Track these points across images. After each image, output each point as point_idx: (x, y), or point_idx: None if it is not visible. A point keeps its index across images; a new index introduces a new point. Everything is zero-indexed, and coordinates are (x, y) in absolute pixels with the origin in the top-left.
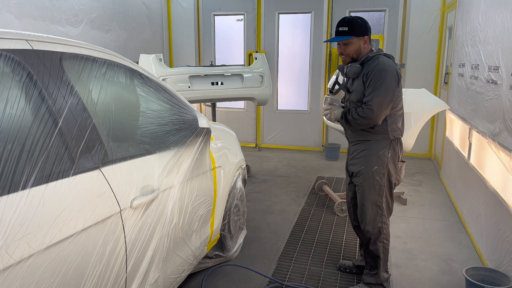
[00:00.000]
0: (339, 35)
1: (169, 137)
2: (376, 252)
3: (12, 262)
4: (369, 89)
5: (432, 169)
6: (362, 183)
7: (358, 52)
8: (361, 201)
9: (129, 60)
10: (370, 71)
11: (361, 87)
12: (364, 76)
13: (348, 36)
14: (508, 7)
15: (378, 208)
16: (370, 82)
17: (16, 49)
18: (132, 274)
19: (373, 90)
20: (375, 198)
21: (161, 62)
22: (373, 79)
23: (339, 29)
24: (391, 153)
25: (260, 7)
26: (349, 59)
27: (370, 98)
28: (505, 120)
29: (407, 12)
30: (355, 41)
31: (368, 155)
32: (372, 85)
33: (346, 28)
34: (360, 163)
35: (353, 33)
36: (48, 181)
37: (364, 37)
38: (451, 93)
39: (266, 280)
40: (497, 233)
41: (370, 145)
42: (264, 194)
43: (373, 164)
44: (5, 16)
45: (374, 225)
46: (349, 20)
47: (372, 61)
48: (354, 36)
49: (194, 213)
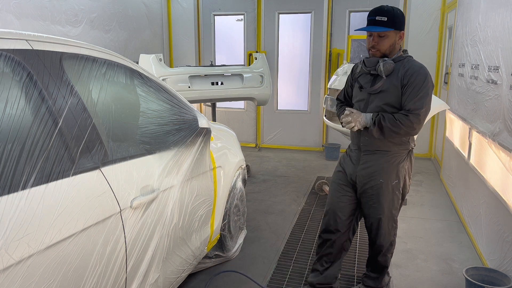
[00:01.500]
0: (375, 25)
1: (169, 137)
2: (384, 263)
3: (12, 262)
4: (415, 95)
5: (432, 169)
6: (380, 198)
7: (392, 48)
8: (377, 216)
9: (129, 60)
10: (414, 73)
11: (396, 89)
12: (404, 78)
13: (387, 28)
14: (508, 7)
15: (393, 222)
16: (416, 87)
17: (16, 49)
18: (132, 274)
19: (421, 97)
20: (392, 213)
21: (161, 62)
22: (419, 84)
23: (376, 18)
24: (408, 164)
25: (260, 7)
26: (380, 54)
27: (418, 106)
28: (505, 120)
29: (407, 12)
30: (392, 35)
31: (388, 167)
32: (419, 91)
33: (385, 18)
34: (378, 176)
35: (393, 25)
36: (48, 181)
37: (401, 32)
38: (451, 93)
39: (266, 280)
40: (497, 233)
41: (390, 156)
42: (264, 194)
43: (393, 178)
44: (5, 16)
45: (388, 239)
46: (389, 10)
47: (408, 62)
48: (393, 28)
49: (194, 213)
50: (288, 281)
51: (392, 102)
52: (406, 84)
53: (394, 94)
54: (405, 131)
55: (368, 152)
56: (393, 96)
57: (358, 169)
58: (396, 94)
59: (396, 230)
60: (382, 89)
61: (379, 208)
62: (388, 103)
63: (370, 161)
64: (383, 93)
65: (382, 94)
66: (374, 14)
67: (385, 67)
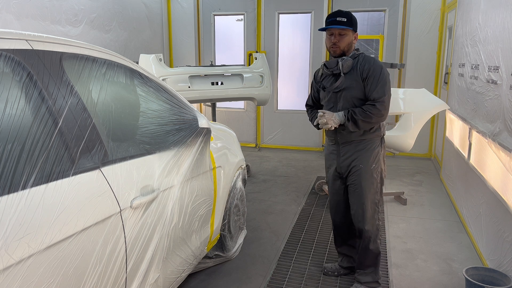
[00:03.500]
0: (337, 24)
1: (169, 137)
2: (377, 250)
3: (12, 262)
4: (375, 85)
5: (432, 169)
6: (361, 182)
7: (349, 46)
8: (360, 200)
9: (129, 60)
10: (370, 67)
11: (358, 84)
12: (363, 72)
13: (347, 26)
14: (508, 7)
15: (375, 206)
16: (375, 78)
17: (16, 49)
18: (132, 274)
19: (381, 86)
20: (373, 196)
21: (161, 62)
22: (377, 75)
23: (336, 19)
24: (382, 150)
25: (260, 7)
26: (339, 51)
27: (381, 94)
28: (505, 120)
29: (407, 12)
30: (350, 34)
31: (365, 153)
32: (379, 81)
33: (345, 19)
34: (358, 162)
35: (351, 25)
36: (48, 181)
37: (356, 33)
38: (451, 93)
39: (266, 280)
40: (497, 233)
41: (365, 143)
42: (264, 194)
43: (371, 162)
44: (5, 16)
45: (373, 223)
46: (347, 13)
47: (363, 58)
48: (351, 28)
49: (194, 213)
50: (288, 281)
51: (358, 95)
52: (366, 77)
53: (357, 89)
54: (376, 119)
55: (345, 143)
56: (357, 90)
57: (340, 160)
58: (360, 88)
59: (379, 215)
60: (346, 86)
61: (361, 193)
62: (355, 97)
63: (349, 151)
64: (348, 89)
65: (347, 91)
66: (334, 16)
67: (345, 64)
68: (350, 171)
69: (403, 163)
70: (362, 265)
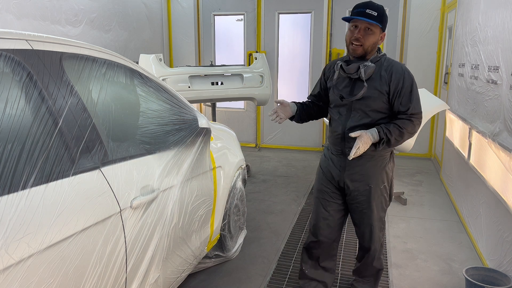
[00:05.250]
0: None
1: (169, 137)
2: (380, 266)
3: (12, 262)
4: (410, 99)
5: (432, 169)
6: (370, 202)
7: (373, 46)
8: (368, 221)
9: (129, 60)
10: (401, 78)
11: (381, 95)
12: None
13: (377, 22)
14: (508, 7)
15: (381, 224)
16: (407, 90)
17: (16, 49)
18: (132, 274)
19: (416, 99)
20: (381, 216)
21: (161, 62)
22: (409, 87)
23: (366, 11)
24: (391, 165)
25: (260, 7)
26: (361, 51)
27: (418, 108)
28: (505, 120)
29: (407, 12)
30: (377, 32)
31: (375, 171)
32: (411, 94)
33: (375, 13)
34: (367, 181)
35: (381, 22)
36: (48, 181)
37: (383, 33)
38: (451, 93)
39: (266, 280)
40: (497, 233)
41: (376, 160)
42: (264, 194)
43: (381, 181)
44: (5, 16)
45: (379, 241)
46: (379, 6)
47: (387, 62)
48: (381, 25)
49: (194, 213)
50: (288, 281)
51: (377, 107)
52: (396, 89)
53: (379, 100)
54: (408, 136)
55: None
56: (378, 102)
57: (345, 175)
58: (382, 100)
59: (384, 231)
60: (364, 96)
61: (370, 214)
62: (373, 109)
63: (357, 166)
64: (366, 99)
65: (365, 101)
66: (364, 7)
67: (368, 72)
68: (356, 189)
69: (403, 163)
70: (361, 275)
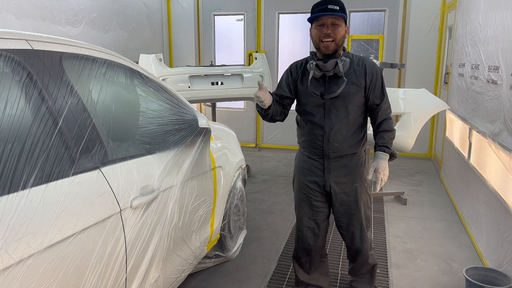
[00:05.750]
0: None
1: (169, 137)
2: (373, 261)
3: (12, 262)
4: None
5: (432, 169)
6: (358, 203)
7: (343, 40)
8: (358, 221)
9: (129, 60)
10: (373, 71)
11: (358, 89)
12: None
13: (341, 14)
14: (508, 7)
15: (368, 222)
16: (379, 82)
17: (16, 49)
18: (132, 274)
19: (385, 91)
20: (367, 214)
21: (161, 62)
22: (381, 79)
23: (328, 7)
24: (367, 162)
25: (260, 7)
26: (334, 46)
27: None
28: (505, 120)
29: (407, 12)
30: (343, 26)
31: (358, 170)
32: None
33: (337, 7)
34: (353, 180)
35: (344, 14)
36: (48, 181)
37: (347, 26)
38: (451, 93)
39: (266, 280)
40: (497, 233)
41: (357, 158)
42: (264, 194)
43: (364, 179)
44: (5, 16)
45: (368, 239)
46: (338, 0)
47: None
48: (345, 17)
49: (194, 213)
50: (288, 281)
51: (356, 102)
52: (371, 82)
53: (358, 94)
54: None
55: (337, 158)
56: (358, 96)
57: (330, 178)
58: (360, 94)
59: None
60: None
61: (359, 214)
62: (353, 104)
63: (341, 167)
64: (346, 95)
65: (343, 98)
66: (325, 3)
67: (345, 67)
68: (343, 191)
69: (403, 163)
70: (357, 274)
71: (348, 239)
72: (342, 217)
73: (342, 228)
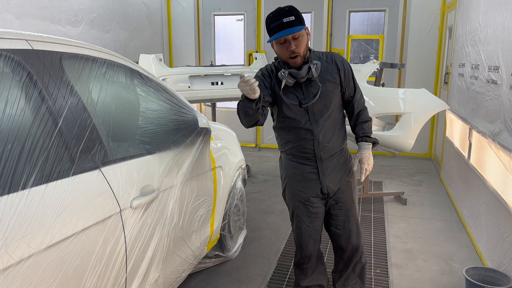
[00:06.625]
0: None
1: (169, 137)
2: (364, 260)
3: (12, 262)
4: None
5: (432, 169)
6: (353, 197)
7: (307, 47)
8: (354, 216)
9: (129, 60)
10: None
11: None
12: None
13: (300, 26)
14: (508, 7)
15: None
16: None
17: (16, 49)
18: (132, 274)
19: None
20: (356, 209)
21: (161, 62)
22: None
23: (284, 21)
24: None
25: (260, 7)
26: (301, 59)
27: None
28: (505, 120)
29: (407, 12)
30: (304, 32)
31: (347, 165)
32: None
33: (292, 17)
34: (346, 177)
35: (300, 22)
36: (48, 181)
37: (306, 27)
38: (451, 93)
39: (266, 280)
40: (497, 233)
41: (345, 154)
42: (264, 194)
43: (352, 173)
44: (5, 16)
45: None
46: (291, 8)
47: (324, 54)
48: (304, 26)
49: (194, 213)
50: (288, 281)
51: (335, 99)
52: (345, 75)
53: (336, 90)
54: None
55: (329, 157)
56: (336, 93)
57: (326, 180)
58: (338, 89)
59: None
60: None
61: (353, 209)
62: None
63: (332, 166)
64: (326, 94)
65: (324, 96)
66: (279, 17)
67: (318, 70)
68: (340, 189)
69: (403, 163)
70: (347, 280)
71: (344, 238)
72: (339, 216)
73: (338, 228)
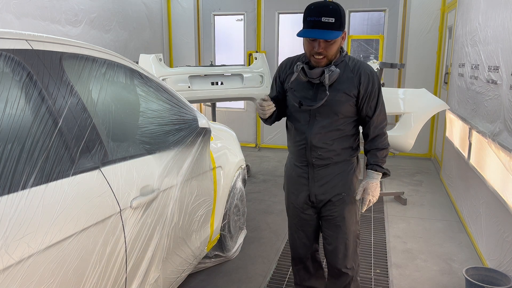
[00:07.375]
0: (321, 28)
1: (169, 137)
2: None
3: (12, 262)
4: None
5: (432, 169)
6: (344, 213)
7: (338, 52)
8: (344, 235)
9: (129, 60)
10: (370, 82)
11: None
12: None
13: (337, 31)
14: (508, 7)
15: (357, 239)
16: (373, 95)
17: (16, 49)
18: (132, 274)
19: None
20: (355, 228)
21: (161, 62)
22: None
23: (322, 20)
24: (358, 170)
25: (260, 7)
26: (326, 61)
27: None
28: (505, 120)
29: (407, 12)
30: (338, 40)
31: (346, 177)
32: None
33: (333, 19)
34: (339, 189)
35: (340, 26)
36: (48, 181)
37: (344, 31)
38: (451, 93)
39: (266, 280)
40: (497, 233)
41: (344, 165)
42: (264, 194)
43: (353, 188)
44: (5, 16)
45: (355, 259)
46: (335, 8)
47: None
48: (342, 31)
49: (194, 213)
50: (288, 281)
51: (344, 112)
52: (366, 92)
53: (347, 103)
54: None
55: (322, 166)
56: (346, 106)
57: (315, 187)
58: (349, 103)
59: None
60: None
61: (344, 227)
62: (341, 114)
63: (326, 175)
64: (333, 103)
65: (331, 105)
66: (319, 15)
67: (332, 78)
68: (329, 201)
69: (403, 163)
70: None
71: (332, 256)
72: (327, 229)
73: (327, 240)
